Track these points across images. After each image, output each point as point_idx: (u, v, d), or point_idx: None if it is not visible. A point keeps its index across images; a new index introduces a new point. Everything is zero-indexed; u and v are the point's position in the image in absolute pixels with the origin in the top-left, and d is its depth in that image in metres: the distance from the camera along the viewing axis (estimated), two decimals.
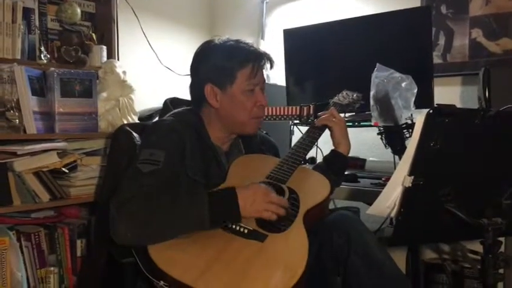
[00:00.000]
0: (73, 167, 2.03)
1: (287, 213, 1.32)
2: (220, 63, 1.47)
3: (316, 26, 2.38)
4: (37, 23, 2.13)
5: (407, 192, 1.14)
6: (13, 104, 1.91)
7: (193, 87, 1.56)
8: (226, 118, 1.50)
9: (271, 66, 1.54)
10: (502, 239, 1.22)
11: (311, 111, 2.02)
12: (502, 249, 1.22)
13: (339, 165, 1.60)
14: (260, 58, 1.49)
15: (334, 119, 1.60)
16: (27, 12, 2.05)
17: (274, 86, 2.59)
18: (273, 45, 2.81)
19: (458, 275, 2.10)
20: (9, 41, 1.98)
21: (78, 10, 2.25)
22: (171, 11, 3.02)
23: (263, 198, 1.30)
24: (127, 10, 2.60)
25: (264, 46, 2.95)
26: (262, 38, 3.04)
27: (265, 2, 3.02)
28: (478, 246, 1.24)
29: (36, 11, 2.13)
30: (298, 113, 2.05)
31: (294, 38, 2.40)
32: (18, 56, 2.01)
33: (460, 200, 1.17)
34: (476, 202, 1.21)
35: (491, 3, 2.24)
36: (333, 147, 1.62)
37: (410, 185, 1.12)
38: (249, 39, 1.54)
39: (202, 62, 1.51)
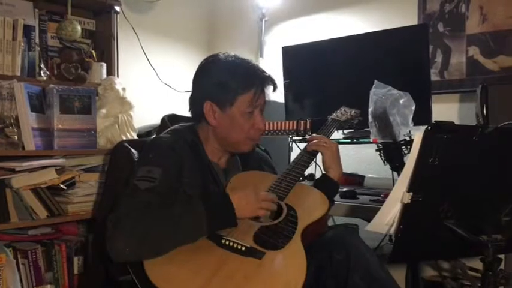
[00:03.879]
0: (71, 184, 2.02)
1: (285, 230, 1.31)
2: (223, 82, 1.45)
3: (314, 43, 2.40)
4: (37, 40, 2.14)
5: (406, 209, 1.14)
6: (12, 121, 1.91)
7: (192, 102, 1.53)
8: (222, 136, 1.50)
9: (274, 90, 1.52)
10: (501, 256, 1.21)
11: (308, 126, 2.02)
12: (502, 266, 1.21)
13: (330, 190, 1.53)
14: (264, 82, 1.48)
15: (324, 144, 1.56)
16: (27, 29, 2.07)
17: (273, 102, 2.59)
18: (272, 63, 2.83)
19: None
20: (9, 57, 1.99)
21: (79, 27, 2.26)
22: (171, 28, 3.05)
23: (255, 198, 1.32)
24: (127, 28, 2.63)
25: (262, 63, 2.97)
26: (261, 55, 3.06)
27: (264, 20, 3.05)
28: (478, 264, 1.23)
29: (37, 29, 2.16)
30: (295, 127, 2.06)
31: (292, 56, 2.42)
32: (18, 73, 2.02)
33: (460, 216, 1.17)
34: (476, 219, 1.20)
35: (487, 21, 2.26)
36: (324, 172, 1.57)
37: (409, 201, 1.12)
38: (248, 57, 1.52)
39: (205, 77, 1.50)
